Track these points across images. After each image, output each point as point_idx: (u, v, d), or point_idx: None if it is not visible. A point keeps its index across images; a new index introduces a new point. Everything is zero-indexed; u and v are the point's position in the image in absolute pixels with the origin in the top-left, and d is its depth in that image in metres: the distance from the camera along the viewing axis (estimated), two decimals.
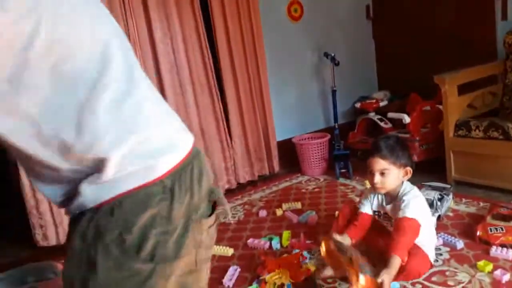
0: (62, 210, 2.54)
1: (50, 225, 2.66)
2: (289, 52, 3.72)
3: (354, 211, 2.04)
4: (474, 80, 2.91)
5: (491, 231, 1.99)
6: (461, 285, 1.70)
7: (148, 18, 2.86)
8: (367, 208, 1.97)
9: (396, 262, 1.63)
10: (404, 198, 1.79)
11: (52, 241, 2.67)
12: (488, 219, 2.08)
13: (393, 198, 1.85)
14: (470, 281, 1.72)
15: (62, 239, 2.71)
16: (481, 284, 1.70)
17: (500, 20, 3.14)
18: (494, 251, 1.89)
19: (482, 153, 2.63)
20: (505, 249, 1.88)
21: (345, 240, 1.86)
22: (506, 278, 1.69)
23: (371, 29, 4.23)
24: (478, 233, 2.01)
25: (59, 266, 1.23)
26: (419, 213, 1.77)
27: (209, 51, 3.16)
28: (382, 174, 1.79)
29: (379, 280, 1.55)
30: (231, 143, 3.39)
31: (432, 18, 3.63)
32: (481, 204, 2.44)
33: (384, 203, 1.89)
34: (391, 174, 1.79)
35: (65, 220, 2.71)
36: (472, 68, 2.94)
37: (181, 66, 3.04)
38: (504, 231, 1.96)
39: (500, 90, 2.98)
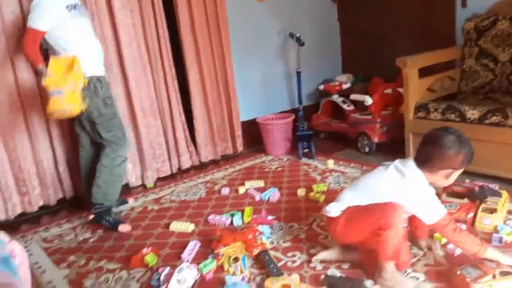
0: (12, 184, 2.56)
1: None
2: (254, 32, 3.67)
3: None
4: (434, 65, 2.98)
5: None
6: (417, 257, 1.75)
7: None
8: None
9: None
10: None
11: (1, 217, 2.53)
12: (443, 196, 2.15)
13: None
14: (424, 255, 1.77)
15: (12, 214, 2.57)
16: (435, 257, 1.75)
17: (460, 7, 3.22)
18: None
19: None
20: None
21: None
22: (458, 251, 1.75)
23: (336, 11, 4.25)
24: None
25: (3, 235, 1.14)
26: None
27: (165, 26, 3.06)
28: None
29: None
30: (193, 121, 3.33)
31: (395, 3, 3.68)
32: None
33: None
34: None
35: (14, 195, 2.57)
36: (432, 52, 3.01)
37: (140, 40, 2.93)
38: (458, 207, 2.03)
39: (458, 75, 3.08)
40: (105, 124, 2.33)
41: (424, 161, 1.59)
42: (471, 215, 1.98)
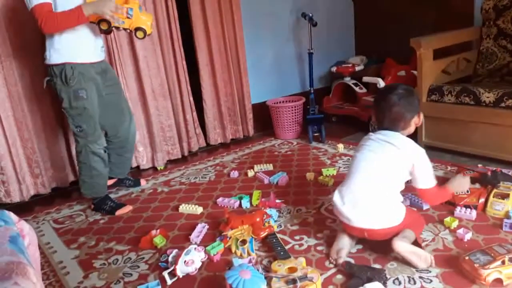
0: (25, 166, 2.58)
1: (13, 182, 2.56)
2: (266, 11, 3.61)
3: None
4: (449, 46, 2.90)
5: (456, 192, 2.02)
6: (425, 242, 1.73)
7: None
8: None
9: None
10: None
11: (16, 198, 2.58)
12: None
13: None
14: (433, 239, 1.75)
15: (26, 196, 2.62)
16: (444, 242, 1.73)
17: None
18: (459, 211, 1.92)
19: (453, 118, 2.64)
20: (468, 209, 1.91)
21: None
22: (468, 236, 1.73)
23: None
24: None
25: (12, 215, 1.16)
26: None
27: (174, 3, 3.01)
28: None
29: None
30: (202, 103, 3.32)
31: None
32: (449, 168, 2.47)
33: None
34: None
35: (28, 176, 2.61)
36: (448, 33, 2.92)
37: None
38: (469, 192, 1.99)
39: (475, 57, 2.99)
40: (73, 117, 2.20)
41: (397, 123, 1.71)
42: (482, 200, 1.94)
